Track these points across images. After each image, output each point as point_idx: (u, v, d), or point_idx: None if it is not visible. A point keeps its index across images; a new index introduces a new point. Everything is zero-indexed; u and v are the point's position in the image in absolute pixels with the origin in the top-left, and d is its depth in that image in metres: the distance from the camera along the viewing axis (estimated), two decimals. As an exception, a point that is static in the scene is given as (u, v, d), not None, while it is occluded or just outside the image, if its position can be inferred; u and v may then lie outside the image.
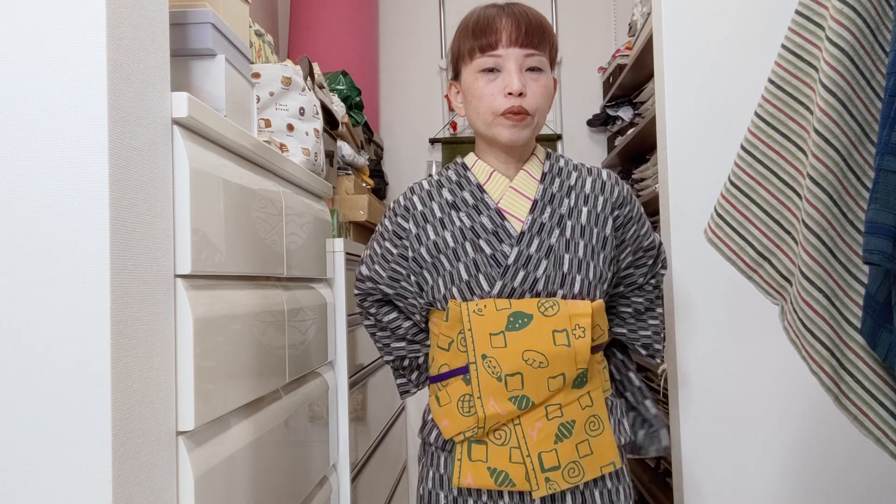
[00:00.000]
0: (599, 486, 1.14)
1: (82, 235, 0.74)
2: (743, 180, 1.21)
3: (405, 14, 3.74)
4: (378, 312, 1.29)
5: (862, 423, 1.06)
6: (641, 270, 1.27)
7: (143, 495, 0.79)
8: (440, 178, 1.22)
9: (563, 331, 1.06)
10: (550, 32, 1.16)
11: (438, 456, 1.17)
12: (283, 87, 1.50)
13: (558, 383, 1.07)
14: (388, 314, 1.29)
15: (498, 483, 1.07)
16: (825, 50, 1.02)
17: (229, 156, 1.06)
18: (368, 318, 1.31)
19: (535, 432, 1.07)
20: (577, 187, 1.18)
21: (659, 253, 1.30)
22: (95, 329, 0.74)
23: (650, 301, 1.29)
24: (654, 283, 1.30)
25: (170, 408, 0.86)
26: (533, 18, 1.13)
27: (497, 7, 1.15)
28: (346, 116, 2.24)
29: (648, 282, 1.29)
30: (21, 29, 0.75)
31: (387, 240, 1.22)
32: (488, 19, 1.13)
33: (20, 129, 0.75)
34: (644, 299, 1.28)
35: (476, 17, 1.15)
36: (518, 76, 1.10)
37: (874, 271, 0.99)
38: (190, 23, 1.03)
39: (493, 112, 1.12)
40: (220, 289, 1.00)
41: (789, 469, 1.67)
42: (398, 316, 1.29)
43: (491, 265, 1.12)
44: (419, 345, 1.29)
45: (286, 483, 1.24)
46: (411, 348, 1.30)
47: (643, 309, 1.28)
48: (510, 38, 1.11)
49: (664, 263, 1.32)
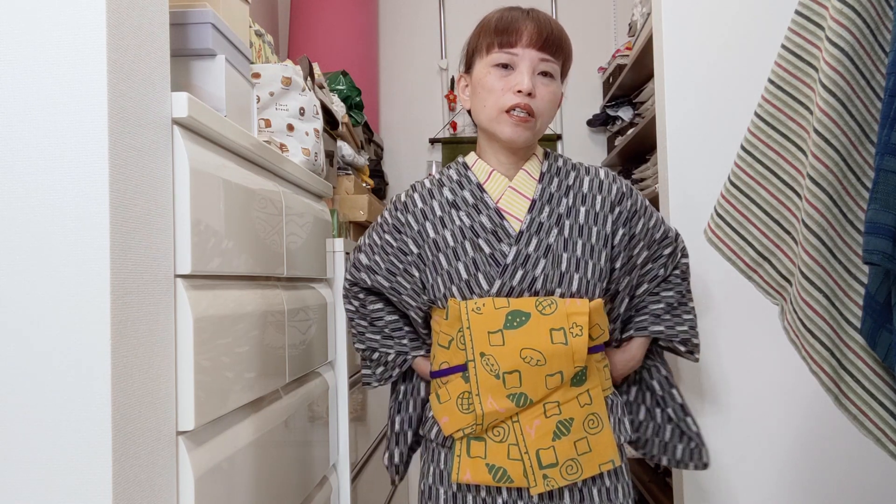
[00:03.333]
0: (598, 484, 1.14)
1: (82, 235, 0.74)
2: (743, 180, 1.21)
3: (405, 14, 3.74)
4: (366, 299, 1.30)
5: (862, 423, 1.06)
6: (660, 262, 1.26)
7: (143, 495, 0.79)
8: (441, 178, 1.23)
9: (560, 329, 1.07)
10: (568, 45, 1.19)
11: (439, 452, 1.18)
12: (283, 87, 1.50)
13: (556, 381, 1.08)
14: (374, 303, 1.30)
15: (496, 479, 1.08)
16: (825, 50, 1.02)
17: (229, 156, 1.06)
18: (352, 304, 1.31)
19: (534, 429, 1.08)
20: (575, 187, 1.19)
21: (676, 243, 1.29)
22: (96, 329, 0.74)
23: (681, 294, 1.28)
24: (679, 273, 1.29)
25: (170, 408, 0.86)
26: (555, 28, 1.16)
27: (522, 11, 1.18)
28: (346, 116, 2.24)
29: (672, 273, 1.28)
30: (21, 29, 0.75)
31: (386, 232, 1.23)
32: (512, 19, 1.15)
33: (20, 128, 0.75)
34: (674, 292, 1.28)
35: (500, 16, 1.17)
36: (529, 76, 1.13)
37: (874, 271, 0.99)
38: (190, 23, 1.03)
39: (500, 108, 1.14)
40: (221, 289, 1.00)
41: (789, 469, 1.67)
42: (383, 307, 1.30)
43: (490, 264, 1.13)
44: (393, 341, 1.29)
45: (286, 483, 1.24)
46: (384, 343, 1.30)
47: (676, 304, 1.27)
48: (530, 39, 1.13)
49: (684, 252, 1.31)
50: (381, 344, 1.30)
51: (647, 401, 1.32)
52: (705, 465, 1.28)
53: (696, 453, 1.28)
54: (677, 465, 1.29)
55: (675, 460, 1.29)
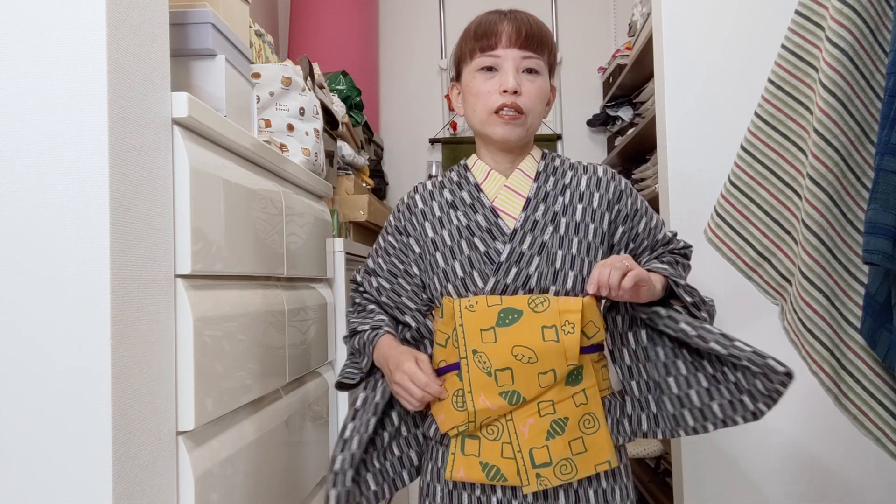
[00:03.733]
0: (594, 485, 1.14)
1: (82, 235, 0.74)
2: (743, 180, 1.21)
3: (405, 14, 3.74)
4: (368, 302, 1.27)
5: (862, 423, 1.06)
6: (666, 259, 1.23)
7: (143, 495, 0.79)
8: (443, 179, 1.25)
9: (552, 326, 1.08)
10: (550, 39, 1.20)
11: (437, 449, 1.18)
12: (284, 88, 1.51)
13: (549, 379, 1.08)
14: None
15: (489, 477, 1.09)
16: (825, 50, 1.02)
17: (229, 156, 1.06)
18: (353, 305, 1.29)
19: (527, 428, 1.08)
20: (571, 185, 1.20)
21: (677, 241, 1.26)
22: (96, 329, 0.74)
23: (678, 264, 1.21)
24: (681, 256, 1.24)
25: (170, 408, 0.86)
26: (533, 24, 1.17)
27: (500, 13, 1.19)
28: (346, 116, 2.24)
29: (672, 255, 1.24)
30: (21, 29, 0.75)
31: (390, 234, 1.25)
32: (490, 23, 1.18)
33: (20, 128, 0.75)
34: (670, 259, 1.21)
35: (478, 21, 1.20)
36: (514, 75, 1.14)
37: (874, 271, 0.99)
38: (190, 23, 1.03)
39: (489, 109, 1.15)
40: (221, 289, 1.00)
41: (789, 469, 1.67)
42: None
43: (484, 262, 1.14)
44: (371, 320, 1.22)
45: (286, 483, 1.24)
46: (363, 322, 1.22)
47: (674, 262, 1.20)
48: (509, 39, 1.15)
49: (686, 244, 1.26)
50: (359, 323, 1.23)
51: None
52: (784, 381, 1.05)
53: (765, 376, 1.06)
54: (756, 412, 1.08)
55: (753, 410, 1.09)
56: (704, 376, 1.13)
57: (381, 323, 1.22)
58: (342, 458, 1.13)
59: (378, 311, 1.25)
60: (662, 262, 1.20)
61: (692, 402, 1.13)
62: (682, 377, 1.14)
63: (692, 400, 1.13)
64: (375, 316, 1.24)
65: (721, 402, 1.11)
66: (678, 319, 1.11)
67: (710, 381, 1.12)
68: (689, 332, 1.09)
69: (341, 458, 1.13)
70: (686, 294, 1.13)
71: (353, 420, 1.19)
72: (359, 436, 1.15)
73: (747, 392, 1.09)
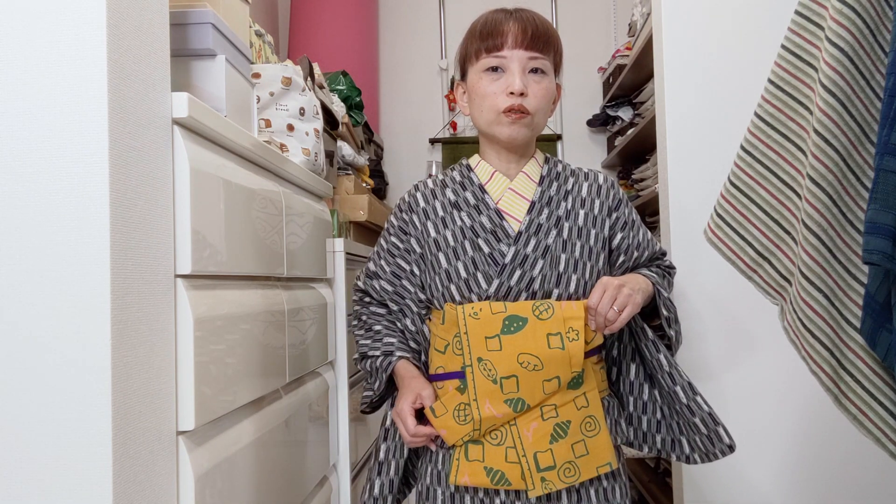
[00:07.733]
0: (595, 485, 1.15)
1: (82, 235, 0.74)
2: (743, 180, 1.21)
3: (405, 14, 3.74)
4: (370, 302, 1.27)
5: (862, 423, 1.06)
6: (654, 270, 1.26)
7: (143, 495, 0.79)
8: (444, 178, 1.24)
9: (557, 334, 1.08)
10: (556, 39, 1.19)
11: (437, 453, 1.17)
12: (284, 88, 1.51)
13: (553, 386, 1.08)
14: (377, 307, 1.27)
15: (494, 482, 1.08)
16: (825, 50, 1.02)
17: (229, 156, 1.06)
18: (356, 311, 1.29)
19: (531, 433, 1.08)
20: (574, 191, 1.21)
21: (665, 259, 1.30)
22: (96, 329, 0.74)
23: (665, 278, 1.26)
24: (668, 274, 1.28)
25: (170, 408, 0.86)
26: (539, 24, 1.17)
27: (505, 12, 1.18)
28: (346, 116, 2.24)
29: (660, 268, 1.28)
30: (21, 29, 0.75)
31: (392, 235, 1.24)
32: (496, 22, 1.16)
33: (21, 128, 0.75)
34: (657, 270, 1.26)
35: (484, 21, 1.19)
36: (520, 76, 1.14)
37: (874, 271, 0.99)
38: (190, 23, 1.03)
39: (496, 110, 1.15)
40: (221, 289, 1.00)
41: (788, 469, 1.67)
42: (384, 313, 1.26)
43: (489, 264, 1.14)
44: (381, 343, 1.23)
45: (286, 483, 1.24)
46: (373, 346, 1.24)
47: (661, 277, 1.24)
48: (515, 40, 1.14)
49: (671, 265, 1.31)
50: (370, 347, 1.24)
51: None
52: (731, 448, 1.14)
53: (713, 439, 1.15)
54: (706, 457, 1.16)
55: (704, 453, 1.17)
56: (661, 411, 1.22)
57: (391, 348, 1.22)
58: (380, 483, 1.20)
59: (385, 332, 1.25)
60: (651, 271, 1.24)
61: (641, 425, 1.24)
62: (642, 402, 1.24)
63: (641, 424, 1.23)
64: (384, 339, 1.24)
65: (664, 437, 1.22)
66: (659, 348, 1.19)
67: (663, 415, 1.22)
68: (664, 366, 1.17)
69: (379, 482, 1.20)
70: (664, 308, 1.19)
71: (384, 440, 1.23)
72: (395, 461, 1.20)
73: (689, 440, 1.19)
